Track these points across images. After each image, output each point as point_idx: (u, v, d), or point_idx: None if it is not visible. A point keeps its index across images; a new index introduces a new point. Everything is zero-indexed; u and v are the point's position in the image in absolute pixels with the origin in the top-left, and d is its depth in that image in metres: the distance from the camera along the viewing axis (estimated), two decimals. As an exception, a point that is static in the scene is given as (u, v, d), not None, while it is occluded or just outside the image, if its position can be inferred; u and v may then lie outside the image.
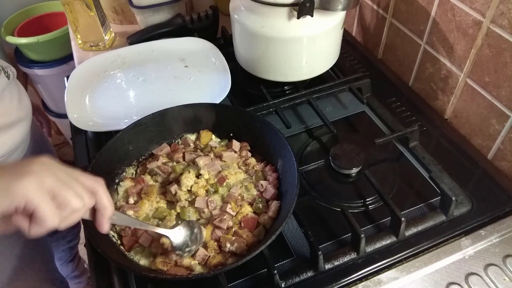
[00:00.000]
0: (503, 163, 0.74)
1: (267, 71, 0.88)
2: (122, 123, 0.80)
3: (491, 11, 0.67)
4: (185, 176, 0.66)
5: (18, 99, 0.84)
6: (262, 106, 0.85)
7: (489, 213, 0.66)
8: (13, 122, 0.81)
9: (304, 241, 0.64)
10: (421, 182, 0.73)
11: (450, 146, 0.79)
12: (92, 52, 1.10)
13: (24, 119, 0.86)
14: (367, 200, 0.70)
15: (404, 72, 0.94)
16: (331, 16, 0.80)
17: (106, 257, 0.55)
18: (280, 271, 0.60)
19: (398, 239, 0.64)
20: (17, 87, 0.86)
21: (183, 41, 1.01)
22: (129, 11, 1.13)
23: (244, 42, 0.87)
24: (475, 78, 0.75)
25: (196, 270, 0.59)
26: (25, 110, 0.87)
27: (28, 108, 0.89)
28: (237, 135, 0.75)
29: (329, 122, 0.80)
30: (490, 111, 0.73)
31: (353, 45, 1.06)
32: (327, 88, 0.89)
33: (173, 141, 0.77)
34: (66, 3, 1.01)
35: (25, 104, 0.87)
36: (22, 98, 0.87)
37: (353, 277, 0.60)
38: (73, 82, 0.91)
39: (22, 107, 0.86)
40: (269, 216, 0.63)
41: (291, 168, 0.65)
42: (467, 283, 0.58)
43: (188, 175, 0.66)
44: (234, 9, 0.85)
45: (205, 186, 0.66)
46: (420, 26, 0.84)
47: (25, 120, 0.86)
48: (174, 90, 0.90)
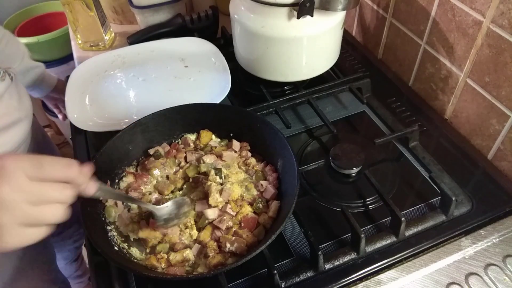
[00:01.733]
0: (503, 163, 0.74)
1: (267, 71, 0.88)
2: (122, 123, 0.80)
3: (491, 11, 0.67)
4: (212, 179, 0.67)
5: (18, 99, 0.84)
6: (262, 106, 0.85)
7: (489, 213, 0.66)
8: (13, 122, 0.81)
9: (304, 241, 0.64)
10: (421, 182, 0.73)
11: (450, 146, 0.79)
12: (92, 52, 1.10)
13: (24, 119, 0.85)
14: (367, 200, 0.70)
15: (404, 72, 0.94)
16: (331, 16, 0.80)
17: (106, 257, 0.55)
18: (280, 271, 0.60)
19: (398, 239, 0.64)
20: (17, 87, 0.86)
21: (183, 41, 1.01)
22: (129, 11, 1.13)
23: (244, 42, 0.87)
24: (475, 78, 0.75)
25: (196, 269, 0.59)
26: (25, 110, 0.86)
27: (28, 108, 0.88)
28: (237, 135, 0.75)
29: (329, 122, 0.80)
30: (490, 111, 0.73)
31: (353, 45, 1.06)
32: (327, 88, 0.89)
33: (173, 141, 0.77)
34: (66, 3, 1.01)
35: (25, 104, 0.87)
36: (22, 98, 0.87)
37: (353, 277, 0.60)
38: (73, 82, 0.91)
39: (22, 107, 0.85)
40: (269, 216, 0.63)
41: (291, 168, 0.65)
42: (467, 283, 0.58)
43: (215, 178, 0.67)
44: (234, 9, 0.85)
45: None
46: (420, 26, 0.84)
47: (25, 120, 0.86)
48: (174, 90, 0.90)
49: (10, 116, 0.81)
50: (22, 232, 0.42)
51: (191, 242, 0.62)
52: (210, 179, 0.66)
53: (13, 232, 0.41)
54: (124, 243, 0.63)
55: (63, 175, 0.46)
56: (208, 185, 0.65)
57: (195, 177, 0.69)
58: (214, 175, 0.66)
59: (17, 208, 0.41)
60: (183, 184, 0.70)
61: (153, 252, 0.62)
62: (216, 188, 0.65)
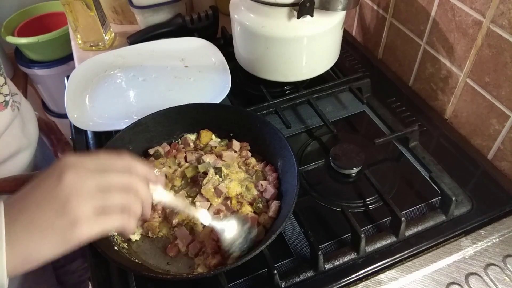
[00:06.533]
0: (503, 163, 0.74)
1: (267, 71, 0.88)
2: (122, 123, 0.80)
3: (491, 11, 0.67)
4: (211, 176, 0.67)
5: (22, 128, 0.80)
6: (262, 106, 0.85)
7: (489, 213, 0.66)
8: (12, 154, 0.77)
9: (304, 241, 0.64)
10: (421, 182, 0.73)
11: (450, 146, 0.79)
12: (92, 52, 1.10)
13: (27, 148, 0.82)
14: (367, 200, 0.70)
15: (404, 72, 0.94)
16: (331, 16, 0.80)
17: (106, 257, 0.55)
18: (280, 271, 0.60)
19: (398, 239, 0.64)
20: (21, 114, 0.82)
21: (183, 41, 1.01)
22: (129, 11, 1.13)
23: (244, 42, 0.87)
24: (475, 78, 0.75)
25: (196, 269, 0.59)
26: (28, 138, 0.82)
27: (33, 136, 0.84)
28: (237, 135, 0.75)
29: (329, 122, 0.80)
30: (490, 111, 0.73)
31: (353, 45, 1.06)
32: (327, 88, 0.89)
33: (173, 141, 0.77)
34: (66, 3, 1.01)
35: (29, 132, 0.83)
36: (26, 125, 0.82)
37: (353, 277, 0.60)
38: (73, 82, 0.91)
39: (26, 135, 0.81)
40: (269, 216, 0.63)
41: (291, 168, 0.65)
42: (467, 283, 0.58)
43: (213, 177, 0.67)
44: (234, 9, 0.85)
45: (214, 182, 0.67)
46: (420, 26, 0.84)
47: (27, 149, 0.82)
48: (174, 90, 0.90)
49: (10, 147, 0.76)
50: (95, 223, 0.42)
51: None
52: (208, 177, 0.66)
53: (87, 221, 0.42)
54: (124, 243, 0.63)
55: (121, 165, 0.47)
56: (206, 180, 0.66)
57: (193, 176, 0.69)
58: (214, 174, 0.66)
59: (90, 195, 0.42)
60: (181, 182, 0.70)
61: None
62: (212, 182, 0.65)
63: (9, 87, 0.78)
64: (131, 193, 0.46)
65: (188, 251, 0.62)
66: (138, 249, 0.63)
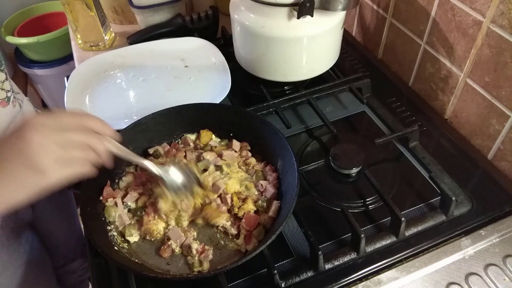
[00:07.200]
0: (503, 163, 0.74)
1: (267, 71, 0.88)
2: (122, 123, 0.80)
3: (491, 11, 0.67)
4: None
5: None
6: (262, 106, 0.85)
7: (489, 213, 0.66)
8: None
9: (304, 241, 0.64)
10: (421, 182, 0.73)
11: (450, 146, 0.79)
12: (92, 52, 1.10)
13: None
14: (367, 200, 0.70)
15: (404, 72, 0.94)
16: (331, 16, 0.80)
17: (106, 257, 0.55)
18: (280, 271, 0.60)
19: (398, 239, 0.64)
20: (23, 113, 0.82)
21: (183, 41, 1.01)
22: (129, 11, 1.13)
23: (244, 42, 0.87)
24: (475, 78, 0.75)
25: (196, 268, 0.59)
26: None
27: None
28: (237, 135, 0.75)
29: (329, 122, 0.80)
30: (490, 111, 0.73)
31: (353, 45, 1.06)
32: (327, 88, 0.89)
33: (173, 141, 0.77)
34: (66, 3, 1.01)
35: None
36: None
37: (353, 277, 0.60)
38: (73, 82, 0.91)
39: None
40: (269, 216, 0.63)
41: (291, 168, 0.65)
42: (467, 283, 0.58)
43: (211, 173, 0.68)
44: (234, 9, 0.85)
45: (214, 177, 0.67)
46: (420, 26, 0.84)
47: None
48: (174, 90, 0.90)
49: None
50: (59, 170, 0.50)
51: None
52: (209, 171, 0.67)
53: (52, 169, 0.49)
54: (124, 243, 0.63)
55: (79, 122, 0.53)
56: (207, 172, 0.67)
57: None
58: (214, 170, 0.66)
59: (51, 149, 0.49)
60: None
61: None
62: (212, 176, 0.66)
63: (10, 83, 0.78)
64: (87, 147, 0.53)
65: (183, 251, 0.62)
66: (138, 249, 0.63)
